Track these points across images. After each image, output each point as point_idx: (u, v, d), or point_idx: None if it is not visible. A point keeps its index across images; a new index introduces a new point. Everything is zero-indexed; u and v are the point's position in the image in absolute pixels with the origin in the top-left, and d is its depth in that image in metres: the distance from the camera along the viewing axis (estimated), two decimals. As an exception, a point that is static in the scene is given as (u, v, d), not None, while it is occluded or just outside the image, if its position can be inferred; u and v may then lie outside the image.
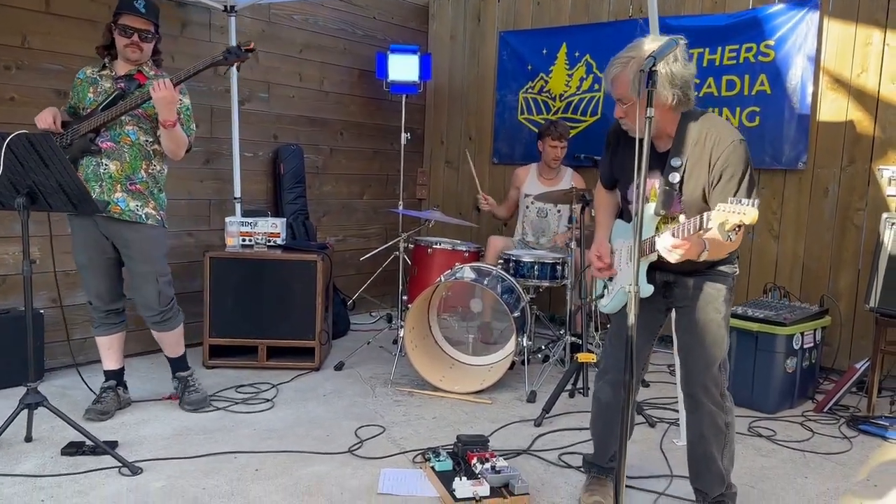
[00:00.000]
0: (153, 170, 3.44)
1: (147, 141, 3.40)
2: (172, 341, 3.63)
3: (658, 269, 2.44)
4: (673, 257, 2.23)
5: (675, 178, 2.34)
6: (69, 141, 3.29)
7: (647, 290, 2.39)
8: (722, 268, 2.47)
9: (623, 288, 2.53)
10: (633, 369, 2.00)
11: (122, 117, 3.30)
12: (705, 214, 2.07)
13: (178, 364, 3.69)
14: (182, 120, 3.39)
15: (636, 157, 1.94)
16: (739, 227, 1.96)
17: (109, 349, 3.55)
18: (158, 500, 2.65)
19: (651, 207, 2.35)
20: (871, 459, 3.28)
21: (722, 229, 1.96)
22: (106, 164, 3.32)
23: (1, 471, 2.83)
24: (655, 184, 2.36)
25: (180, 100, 3.38)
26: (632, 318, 1.95)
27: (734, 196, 2.24)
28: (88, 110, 3.34)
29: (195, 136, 3.57)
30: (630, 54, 2.30)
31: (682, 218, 2.24)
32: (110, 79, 3.39)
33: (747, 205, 1.92)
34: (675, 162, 2.34)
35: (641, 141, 1.99)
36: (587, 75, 5.42)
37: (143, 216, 3.37)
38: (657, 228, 2.38)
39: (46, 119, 3.26)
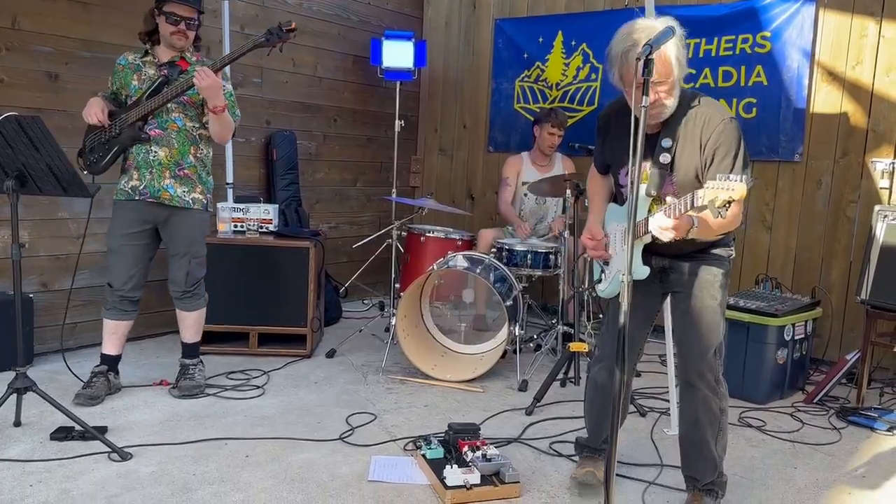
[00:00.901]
0: (201, 154, 3.51)
1: (193, 126, 3.46)
2: (191, 323, 3.65)
3: (654, 253, 2.43)
4: (666, 237, 2.22)
5: (665, 158, 2.33)
6: (118, 131, 3.35)
7: (643, 272, 2.38)
8: (717, 251, 2.47)
9: (619, 272, 2.53)
10: (626, 355, 1.99)
11: (168, 105, 3.34)
12: (696, 192, 2.06)
13: (189, 350, 3.69)
14: (227, 106, 3.43)
15: (631, 140, 1.92)
16: (729, 203, 1.95)
17: (113, 334, 3.54)
18: (148, 486, 2.64)
19: (643, 189, 2.34)
20: (860, 450, 3.30)
21: (712, 206, 1.96)
22: (155, 152, 3.38)
23: (-14, 455, 2.81)
24: (647, 166, 2.35)
25: (224, 85, 3.42)
26: (625, 306, 1.95)
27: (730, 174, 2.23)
28: (133, 98, 3.38)
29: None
30: (635, 35, 2.20)
31: (669, 199, 2.22)
32: (154, 65, 3.42)
33: (735, 180, 1.91)
34: (665, 143, 2.33)
35: (635, 122, 1.97)
36: (584, 64, 5.40)
37: (190, 201, 3.46)
38: (650, 210, 2.37)
39: (96, 114, 3.31)
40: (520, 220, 4.94)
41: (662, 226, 2.20)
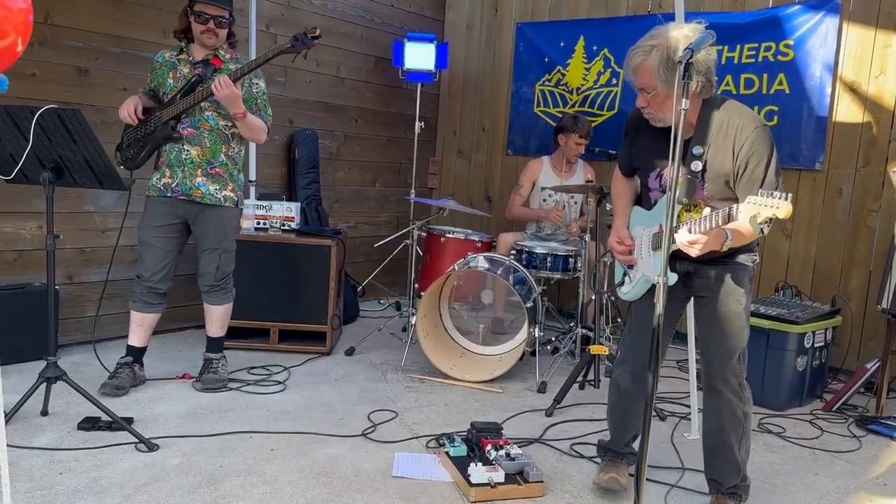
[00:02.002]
0: (232, 153, 3.57)
1: (226, 125, 3.50)
2: (217, 317, 3.69)
3: (678, 258, 2.45)
4: (692, 252, 2.24)
5: (696, 166, 2.34)
6: (152, 129, 3.42)
7: (671, 278, 2.40)
8: (742, 257, 2.48)
9: (645, 276, 2.54)
10: (658, 356, 2.01)
11: (202, 104, 3.40)
12: (734, 207, 2.08)
13: (213, 344, 3.74)
14: (260, 105, 3.52)
15: (671, 146, 1.94)
16: (771, 220, 1.97)
17: (140, 326, 3.59)
18: (176, 477, 2.68)
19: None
20: (880, 459, 3.30)
21: (754, 222, 1.97)
22: (188, 150, 3.44)
23: (19, 443, 2.85)
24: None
25: (256, 83, 3.50)
26: (660, 308, 1.96)
27: (762, 183, 2.25)
28: (169, 96, 3.44)
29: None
30: (652, 42, 2.29)
31: (706, 210, 2.24)
32: (188, 63, 3.48)
33: (780, 198, 1.92)
34: (696, 150, 2.35)
35: (666, 130, 1.99)
36: (605, 69, 5.42)
37: (222, 199, 3.51)
38: (679, 217, 2.38)
39: (128, 111, 3.37)
40: (544, 209, 4.96)
41: (685, 241, 2.21)
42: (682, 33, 2.24)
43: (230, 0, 3.47)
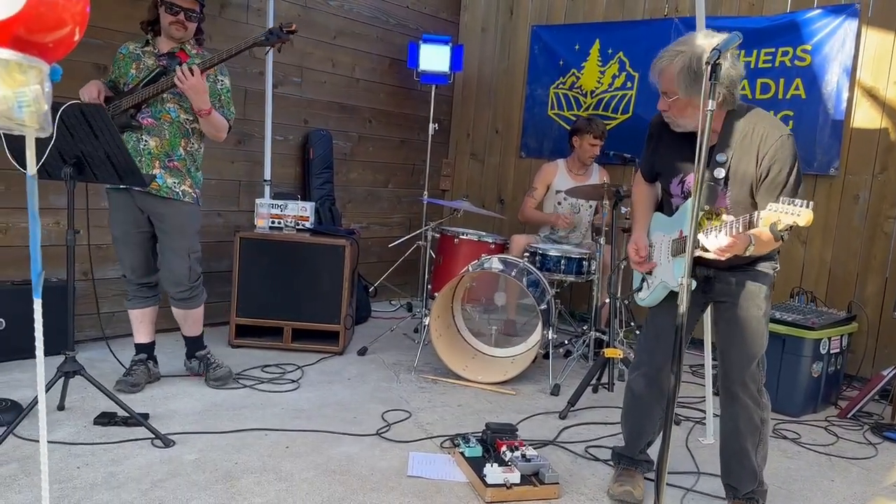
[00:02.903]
0: (191, 148, 3.48)
1: (187, 119, 3.43)
2: (194, 319, 3.66)
3: (698, 263, 2.43)
4: (723, 257, 2.23)
5: (720, 173, 2.34)
6: (111, 116, 3.30)
7: (691, 284, 2.39)
8: (762, 265, 2.47)
9: (663, 282, 2.53)
10: (680, 358, 2.00)
11: (164, 95, 3.33)
12: (754, 213, 2.07)
13: (195, 343, 3.73)
14: (223, 102, 3.45)
15: (696, 151, 1.94)
16: (791, 227, 1.96)
17: (141, 322, 3.58)
18: (192, 472, 2.68)
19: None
20: (897, 466, 3.28)
21: (774, 229, 1.96)
22: (146, 141, 3.37)
23: (37, 437, 2.85)
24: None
25: (221, 80, 3.43)
26: (682, 308, 1.96)
27: (782, 190, 2.24)
28: (130, 86, 3.38)
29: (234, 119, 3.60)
30: (680, 48, 2.30)
31: (726, 217, 2.24)
32: (153, 55, 3.42)
33: (801, 206, 1.92)
34: (720, 157, 2.34)
35: (689, 135, 1.99)
36: (620, 73, 5.41)
37: (180, 193, 3.43)
38: (700, 224, 2.37)
39: (91, 92, 3.29)
40: (554, 213, 4.95)
41: (722, 246, 2.20)
42: (710, 42, 2.24)
43: None
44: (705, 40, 2.27)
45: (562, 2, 5.79)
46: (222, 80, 3.49)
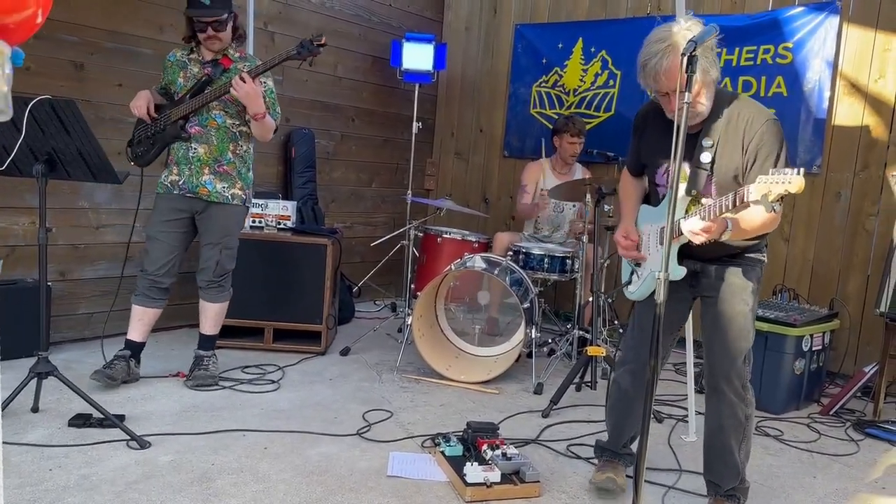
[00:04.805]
0: (240, 150, 3.57)
1: (233, 124, 3.51)
2: (213, 314, 3.68)
3: (686, 256, 2.42)
4: (698, 240, 2.21)
5: (706, 157, 2.32)
6: (162, 127, 3.44)
7: (679, 272, 2.36)
8: (750, 255, 2.45)
9: (653, 272, 2.51)
10: (658, 349, 1.98)
11: (210, 102, 3.40)
12: (745, 188, 2.05)
13: (206, 342, 3.72)
14: (268, 104, 3.49)
15: (673, 140, 1.92)
16: (783, 197, 1.94)
17: (140, 320, 3.57)
18: (168, 474, 2.64)
19: (682, 189, 2.33)
20: (879, 462, 3.28)
21: (765, 200, 1.94)
22: (195, 148, 3.46)
23: (9, 440, 2.80)
24: (686, 165, 2.34)
25: (264, 82, 3.48)
26: (660, 298, 1.93)
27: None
28: (179, 94, 3.46)
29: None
30: (665, 43, 2.25)
31: (705, 201, 2.22)
32: (198, 63, 3.50)
33: (791, 173, 1.89)
34: (705, 142, 2.33)
35: (674, 124, 1.97)
36: (602, 71, 5.41)
37: (230, 197, 3.52)
38: (687, 210, 2.35)
39: (140, 108, 3.40)
40: (535, 205, 4.91)
41: (694, 229, 2.19)
42: (685, 27, 2.22)
43: (224, 1, 3.41)
44: (678, 27, 2.26)
45: (545, 0, 5.78)
46: (265, 83, 3.52)
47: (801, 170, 1.91)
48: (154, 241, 3.50)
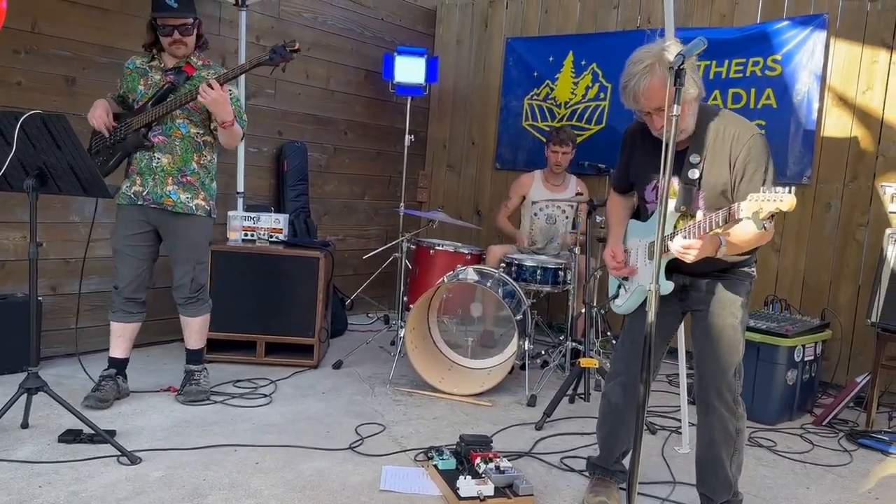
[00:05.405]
0: (204, 161, 3.50)
1: (198, 133, 3.45)
2: (196, 328, 3.64)
3: (675, 271, 2.42)
4: (687, 258, 2.22)
5: (693, 174, 2.34)
6: (123, 136, 3.36)
7: (667, 286, 2.37)
8: (739, 270, 2.46)
9: (641, 286, 2.52)
10: (650, 363, 1.98)
11: (174, 111, 3.34)
12: (735, 205, 2.06)
13: (193, 356, 3.69)
14: (235, 113, 3.42)
15: (662, 156, 1.94)
16: (774, 215, 1.95)
17: (120, 337, 3.53)
18: (158, 490, 2.62)
19: (671, 204, 2.34)
20: (872, 473, 3.28)
21: (756, 218, 1.95)
22: (158, 158, 3.38)
23: (-5, 456, 2.78)
24: (675, 181, 2.35)
25: (231, 91, 3.41)
26: (651, 316, 1.94)
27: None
28: (139, 103, 3.39)
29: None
30: (646, 62, 2.27)
31: (699, 215, 2.23)
32: (160, 71, 3.42)
33: (783, 191, 1.90)
34: (693, 158, 2.34)
35: (661, 141, 1.98)
36: (593, 84, 5.44)
37: (194, 207, 3.44)
38: (675, 226, 2.36)
39: (100, 117, 3.32)
40: (517, 232, 5.01)
41: (678, 247, 2.20)
42: (663, 46, 2.25)
43: (191, 5, 3.38)
44: (660, 45, 2.29)
45: (535, 14, 5.82)
46: (231, 91, 3.46)
47: (792, 188, 1.93)
48: (122, 255, 3.45)
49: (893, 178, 4.32)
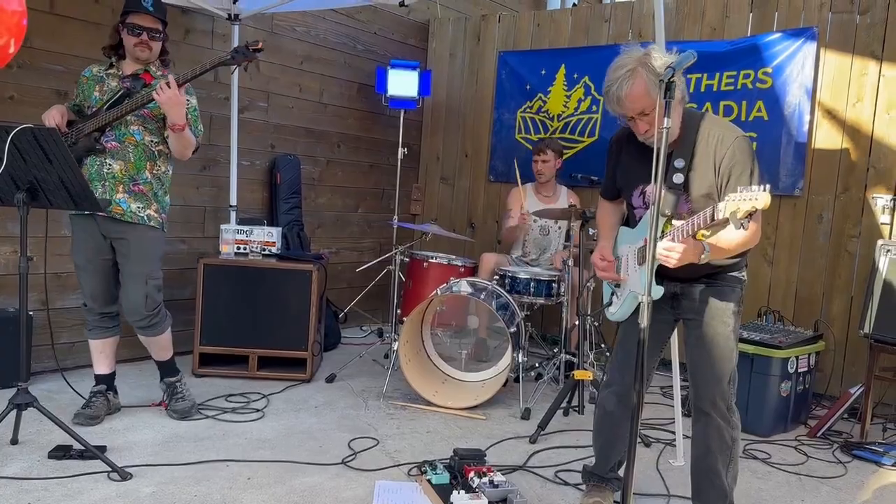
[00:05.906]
0: (157, 171, 3.40)
1: (152, 141, 3.36)
2: (160, 346, 3.55)
3: (666, 278, 2.42)
4: (671, 262, 2.22)
5: (678, 178, 2.35)
6: (74, 140, 3.26)
7: (657, 291, 2.36)
8: (730, 274, 2.47)
9: (632, 293, 2.52)
10: (643, 374, 1.98)
11: (128, 117, 3.26)
12: (716, 206, 2.07)
13: (165, 368, 3.62)
14: (190, 121, 3.35)
15: (653, 162, 1.94)
16: (751, 214, 1.96)
17: (101, 353, 3.48)
18: (149, 506, 2.60)
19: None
20: (866, 485, 3.27)
21: (734, 218, 1.96)
22: (110, 164, 3.28)
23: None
24: None
25: (188, 100, 3.34)
26: (644, 322, 1.94)
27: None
28: (94, 109, 3.31)
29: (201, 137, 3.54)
30: (628, 67, 2.30)
31: (675, 222, 2.24)
32: (116, 77, 3.35)
33: (758, 190, 1.92)
34: (678, 163, 2.36)
35: (646, 148, 1.99)
36: (585, 97, 5.46)
37: (145, 217, 3.33)
38: (663, 231, 2.37)
39: (54, 117, 3.22)
40: (519, 225, 4.93)
41: (662, 250, 2.20)
42: (644, 52, 2.27)
43: (164, 13, 3.36)
44: (639, 51, 2.31)
45: (528, 28, 5.85)
46: (189, 100, 3.40)
47: (768, 186, 1.94)
48: (83, 271, 3.37)
49: (884, 190, 4.34)
